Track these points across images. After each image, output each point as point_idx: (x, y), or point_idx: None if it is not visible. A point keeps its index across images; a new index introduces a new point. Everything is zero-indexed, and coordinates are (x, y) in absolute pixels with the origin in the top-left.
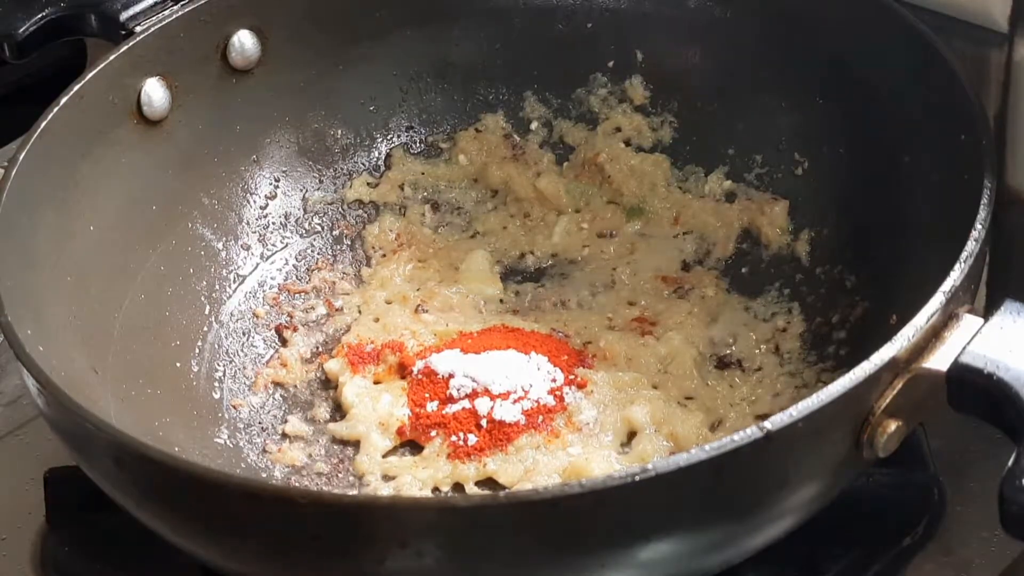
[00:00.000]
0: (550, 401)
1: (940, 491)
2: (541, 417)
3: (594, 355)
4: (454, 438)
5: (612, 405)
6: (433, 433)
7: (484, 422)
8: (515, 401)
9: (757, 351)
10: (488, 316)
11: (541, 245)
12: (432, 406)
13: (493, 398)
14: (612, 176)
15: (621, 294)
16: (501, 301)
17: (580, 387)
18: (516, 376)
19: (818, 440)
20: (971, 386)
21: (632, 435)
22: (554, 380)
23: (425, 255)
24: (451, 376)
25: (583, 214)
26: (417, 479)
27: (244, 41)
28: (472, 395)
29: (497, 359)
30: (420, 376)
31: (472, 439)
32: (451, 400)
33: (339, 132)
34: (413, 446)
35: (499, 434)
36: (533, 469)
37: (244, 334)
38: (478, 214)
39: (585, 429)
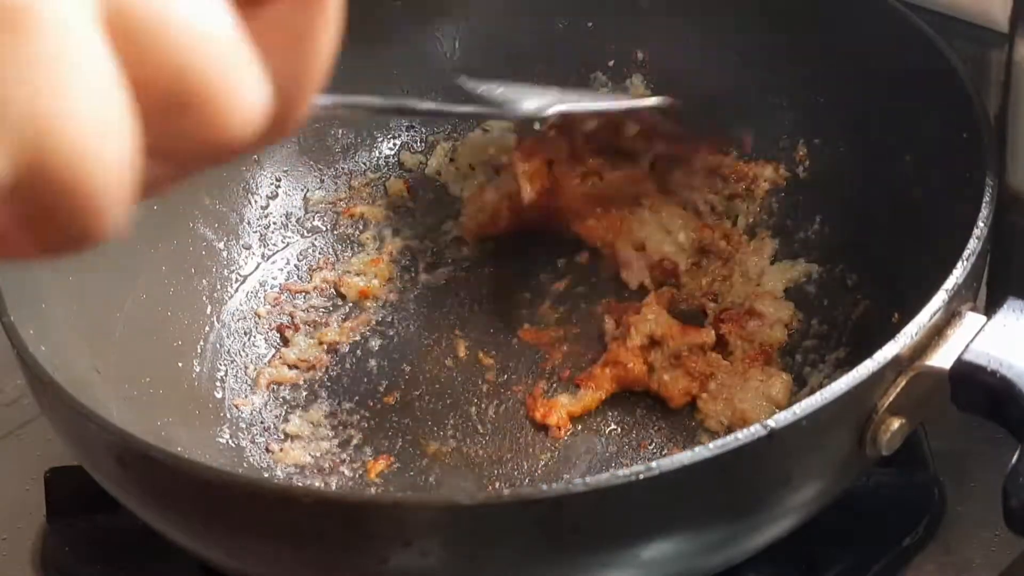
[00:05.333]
0: None
1: (940, 491)
2: None
3: None
4: None
5: None
6: None
7: None
8: None
9: None
10: None
11: None
12: None
13: None
14: None
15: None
16: None
17: None
18: None
19: (821, 438)
20: (974, 384)
21: None
22: None
23: None
24: None
25: None
26: None
27: None
28: None
29: None
30: None
31: None
32: None
33: (340, 132)
34: None
35: None
36: None
37: (246, 334)
38: None
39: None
